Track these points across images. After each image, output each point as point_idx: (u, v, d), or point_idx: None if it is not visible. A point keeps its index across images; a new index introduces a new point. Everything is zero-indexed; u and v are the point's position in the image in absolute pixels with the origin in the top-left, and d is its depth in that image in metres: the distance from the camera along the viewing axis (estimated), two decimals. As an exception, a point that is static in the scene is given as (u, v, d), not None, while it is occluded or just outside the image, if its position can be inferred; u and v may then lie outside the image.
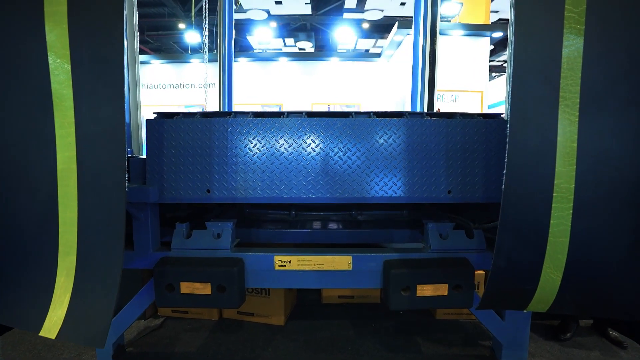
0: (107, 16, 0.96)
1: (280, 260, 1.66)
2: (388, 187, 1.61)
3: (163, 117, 1.65)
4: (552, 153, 1.01)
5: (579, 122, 1.00)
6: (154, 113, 1.65)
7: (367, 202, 1.61)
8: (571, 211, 1.04)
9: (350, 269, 1.67)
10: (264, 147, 1.60)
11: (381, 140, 1.61)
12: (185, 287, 1.59)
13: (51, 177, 1.00)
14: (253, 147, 1.60)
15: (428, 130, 1.61)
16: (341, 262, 1.67)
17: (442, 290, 1.59)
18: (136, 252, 1.68)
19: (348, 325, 2.27)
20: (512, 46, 0.99)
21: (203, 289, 1.59)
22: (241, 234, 2.06)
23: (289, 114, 1.65)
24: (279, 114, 1.65)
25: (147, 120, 1.62)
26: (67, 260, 1.04)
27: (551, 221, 1.04)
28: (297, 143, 1.61)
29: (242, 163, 1.60)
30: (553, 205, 1.03)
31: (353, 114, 1.66)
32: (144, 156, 1.71)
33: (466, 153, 1.60)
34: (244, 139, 1.60)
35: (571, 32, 0.97)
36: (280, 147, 1.61)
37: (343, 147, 1.61)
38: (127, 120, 1.63)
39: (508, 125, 1.00)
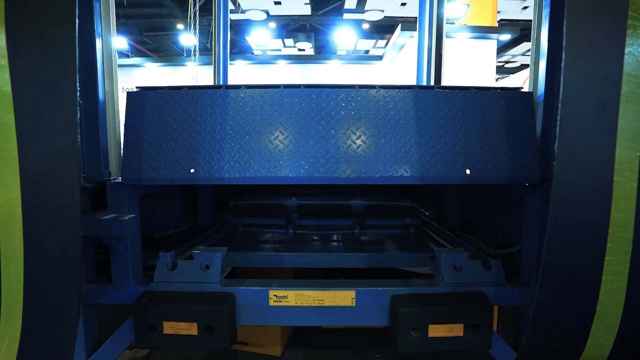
0: (54, 26, 0.78)
1: (276, 296, 1.49)
2: (399, 165, 1.41)
3: (146, 90, 1.47)
4: (607, 195, 0.84)
5: (640, 161, 0.82)
6: (136, 87, 1.48)
7: (374, 182, 1.42)
8: (629, 265, 0.86)
9: (354, 304, 1.49)
10: (257, 122, 1.42)
11: (389, 115, 1.44)
12: (169, 327, 1.42)
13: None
14: (245, 122, 1.42)
15: (441, 103, 1.44)
16: (344, 297, 1.49)
17: (457, 330, 1.42)
18: (114, 285, 1.50)
19: (350, 355, 2.10)
20: (563, 63, 0.81)
21: (189, 329, 1.42)
22: (234, 258, 1.89)
23: (286, 86, 1.48)
24: (274, 86, 1.48)
25: (128, 93, 1.45)
26: (10, 324, 0.87)
27: (603, 277, 0.87)
28: (294, 118, 1.43)
29: (231, 139, 1.42)
30: (606, 258, 0.86)
31: (357, 86, 1.49)
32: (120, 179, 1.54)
33: (485, 128, 1.43)
34: (235, 113, 1.43)
35: (636, 42, 0.80)
36: (275, 122, 1.43)
37: (345, 122, 1.43)
38: (102, 135, 1.45)
39: (555, 163, 0.83)
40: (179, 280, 1.51)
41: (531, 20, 1.49)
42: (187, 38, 10.95)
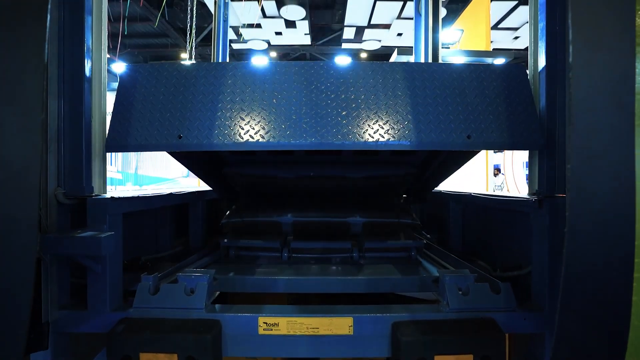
0: (22, 17, 0.73)
1: (266, 323, 1.36)
2: (395, 130, 1.37)
3: (139, 65, 1.52)
4: (630, 202, 0.74)
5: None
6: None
7: (368, 148, 1.37)
8: None
9: (352, 333, 1.36)
10: (248, 92, 1.42)
11: (384, 83, 1.43)
12: (146, 359, 1.28)
13: None
14: (235, 93, 1.42)
15: (436, 74, 1.45)
16: (340, 324, 1.36)
17: (466, 362, 1.28)
18: (90, 311, 1.37)
19: (349, 391, 1.91)
20: (572, 60, 0.75)
21: (168, 361, 1.27)
22: (223, 282, 1.76)
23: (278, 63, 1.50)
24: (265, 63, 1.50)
25: (125, 67, 1.50)
26: None
27: (633, 298, 0.76)
28: (285, 86, 1.42)
29: (223, 108, 1.39)
30: (635, 275, 0.76)
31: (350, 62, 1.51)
32: (108, 195, 1.45)
33: (483, 97, 1.43)
34: (225, 81, 1.43)
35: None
36: (267, 92, 1.43)
37: (336, 89, 1.43)
38: (87, 148, 1.38)
39: (568, 166, 0.75)
40: (160, 306, 1.39)
41: (522, 49, 1.52)
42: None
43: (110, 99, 1.47)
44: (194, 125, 1.38)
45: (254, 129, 1.37)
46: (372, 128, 1.38)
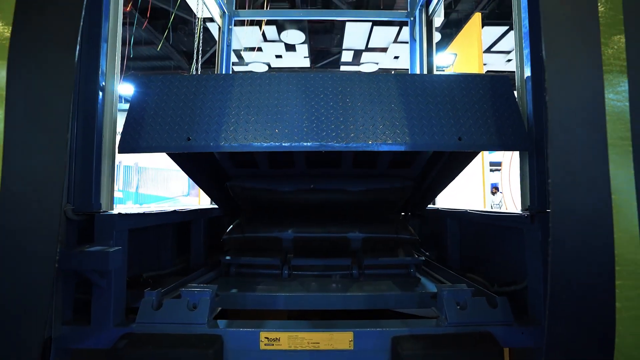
0: (56, 50, 0.81)
1: (267, 338, 1.37)
2: (391, 132, 1.45)
3: (151, 76, 1.61)
4: (608, 215, 0.80)
5: (635, 176, 0.81)
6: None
7: (366, 149, 1.45)
8: None
9: (352, 348, 1.37)
10: (254, 99, 1.52)
11: (379, 91, 1.54)
12: (148, 375, 1.28)
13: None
14: (242, 99, 1.52)
15: (427, 84, 1.56)
16: (340, 339, 1.38)
17: (466, 376, 1.29)
18: (93, 327, 1.39)
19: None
20: (547, 86, 0.83)
21: (170, 377, 1.28)
22: (225, 298, 1.77)
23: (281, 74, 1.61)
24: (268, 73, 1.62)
25: (138, 78, 1.60)
26: None
27: (617, 304, 0.80)
28: (287, 94, 1.53)
29: (229, 113, 1.48)
30: (617, 282, 0.81)
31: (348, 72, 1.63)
32: (115, 211, 1.50)
33: (472, 104, 1.53)
34: (232, 90, 1.54)
35: (612, 70, 0.83)
36: (269, 97, 1.53)
37: (335, 97, 1.53)
38: (97, 166, 1.44)
39: (549, 181, 0.81)
40: (163, 321, 1.40)
41: (514, 71, 1.63)
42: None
43: (120, 120, 1.54)
44: (202, 128, 1.46)
45: (258, 131, 1.46)
46: (369, 131, 1.47)
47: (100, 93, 1.46)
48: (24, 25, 0.81)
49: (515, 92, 1.60)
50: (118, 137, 1.56)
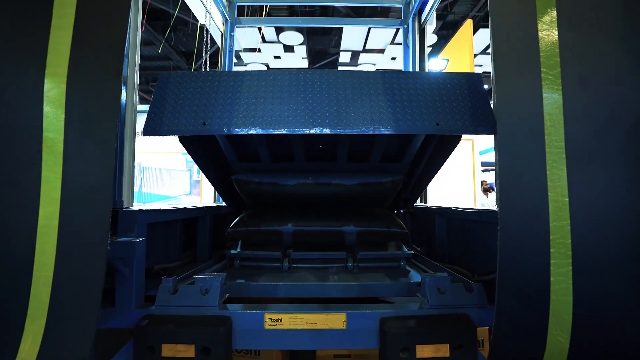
0: (105, 76, 0.99)
1: (271, 319, 1.56)
2: (378, 119, 1.67)
3: (172, 72, 1.82)
4: (544, 207, 1.00)
5: (567, 177, 1.01)
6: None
7: (357, 132, 1.66)
8: (571, 267, 1.00)
9: (345, 327, 1.57)
10: (261, 91, 1.73)
11: (368, 85, 1.76)
12: (167, 350, 1.47)
13: (30, 233, 0.96)
14: (251, 91, 1.73)
15: (410, 79, 1.78)
16: (335, 320, 1.57)
17: (444, 351, 1.48)
18: (117, 309, 1.57)
19: (344, 389, 2.08)
20: (495, 103, 1.03)
21: (186, 351, 1.47)
22: (231, 287, 1.96)
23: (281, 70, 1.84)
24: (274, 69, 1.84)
25: (160, 74, 1.81)
26: (35, 324, 0.96)
27: (551, 278, 1.00)
28: (289, 87, 1.76)
29: (239, 102, 1.70)
30: (552, 261, 1.00)
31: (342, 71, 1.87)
32: (136, 207, 1.68)
33: (449, 96, 1.73)
34: (242, 83, 1.75)
35: (550, 90, 1.03)
36: (274, 90, 1.75)
37: (329, 90, 1.76)
38: (119, 168, 1.63)
39: (498, 181, 1.01)
40: (179, 304, 1.59)
41: None
42: (192, 88, 11.72)
43: (139, 124, 1.73)
44: (216, 115, 1.66)
45: (263, 118, 1.68)
46: (359, 118, 1.69)
47: (123, 100, 1.64)
48: (78, 55, 0.99)
49: (491, 87, 1.82)
50: (138, 139, 1.74)
